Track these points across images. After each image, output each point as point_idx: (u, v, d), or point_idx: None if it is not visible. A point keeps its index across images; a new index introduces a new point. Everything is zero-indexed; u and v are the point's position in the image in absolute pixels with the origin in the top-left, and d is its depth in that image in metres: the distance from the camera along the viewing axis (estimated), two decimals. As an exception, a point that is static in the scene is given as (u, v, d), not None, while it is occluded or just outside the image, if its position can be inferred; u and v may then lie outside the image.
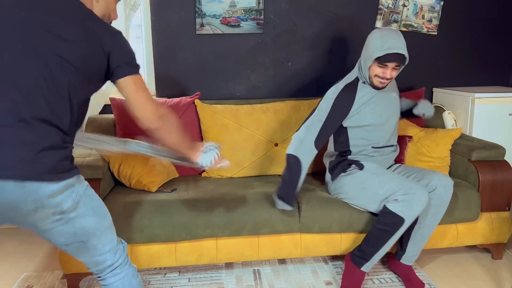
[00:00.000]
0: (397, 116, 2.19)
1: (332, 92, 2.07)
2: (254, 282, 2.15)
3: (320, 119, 2.04)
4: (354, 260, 2.03)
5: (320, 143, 2.05)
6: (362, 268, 2.00)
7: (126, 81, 1.33)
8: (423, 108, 2.22)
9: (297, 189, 2.06)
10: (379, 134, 2.13)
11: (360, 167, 2.12)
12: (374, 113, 2.08)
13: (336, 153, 2.23)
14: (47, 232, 1.26)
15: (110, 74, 1.35)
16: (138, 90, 1.34)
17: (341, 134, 2.16)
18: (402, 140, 2.46)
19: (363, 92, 2.08)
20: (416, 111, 2.24)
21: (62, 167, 1.20)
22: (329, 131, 2.06)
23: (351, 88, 2.07)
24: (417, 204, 1.87)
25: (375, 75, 2.01)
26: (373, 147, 2.14)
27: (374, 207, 2.04)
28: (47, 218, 1.21)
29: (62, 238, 1.28)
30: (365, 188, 2.04)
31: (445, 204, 2.02)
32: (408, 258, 2.10)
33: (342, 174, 2.15)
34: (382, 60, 1.94)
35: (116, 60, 1.32)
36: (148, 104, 1.35)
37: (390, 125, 2.15)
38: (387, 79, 2.00)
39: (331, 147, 2.27)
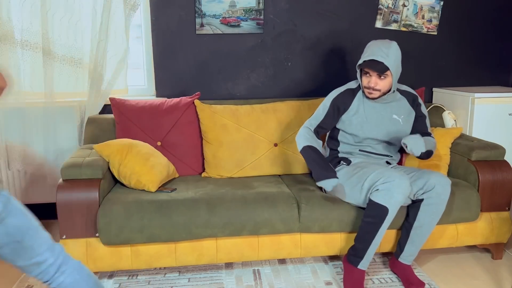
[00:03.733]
0: (395, 136, 2.21)
1: (333, 94, 2.25)
2: (254, 282, 2.15)
3: (319, 117, 2.23)
4: (350, 260, 2.03)
5: (319, 134, 2.24)
6: (359, 267, 2.00)
7: None
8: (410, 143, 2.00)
9: (327, 164, 2.09)
10: (367, 143, 2.24)
11: (348, 162, 2.23)
12: (362, 127, 2.19)
13: (328, 149, 2.35)
14: None
15: None
16: None
17: (333, 133, 2.30)
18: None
19: (359, 101, 2.20)
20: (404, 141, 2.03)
21: None
22: (327, 126, 2.23)
23: (351, 94, 2.22)
24: (397, 191, 1.88)
25: (364, 87, 2.13)
26: (360, 150, 2.25)
27: (363, 201, 2.05)
28: None
29: None
30: (352, 183, 2.08)
31: (443, 203, 2.01)
32: (406, 257, 2.10)
33: None
34: (361, 67, 2.09)
35: None
36: None
37: (379, 142, 2.23)
38: (374, 89, 2.09)
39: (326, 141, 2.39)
